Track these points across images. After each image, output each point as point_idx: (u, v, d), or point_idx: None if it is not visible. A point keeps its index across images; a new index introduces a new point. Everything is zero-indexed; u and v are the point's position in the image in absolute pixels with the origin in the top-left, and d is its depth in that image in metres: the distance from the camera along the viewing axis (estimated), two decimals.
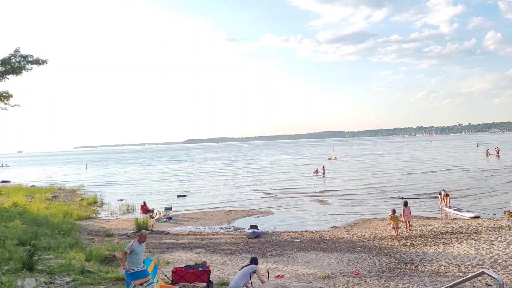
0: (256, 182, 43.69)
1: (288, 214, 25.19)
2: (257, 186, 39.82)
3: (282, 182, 42.60)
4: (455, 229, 17.74)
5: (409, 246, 15.23)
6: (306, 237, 18.13)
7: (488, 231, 16.77)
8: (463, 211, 22.53)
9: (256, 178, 48.15)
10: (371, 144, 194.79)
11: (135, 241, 9.30)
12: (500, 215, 21.12)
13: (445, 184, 33.40)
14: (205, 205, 29.24)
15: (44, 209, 24.40)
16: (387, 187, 34.33)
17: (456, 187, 32.13)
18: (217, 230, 20.80)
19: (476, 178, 38.15)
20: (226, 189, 38.67)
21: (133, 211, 27.44)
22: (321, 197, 31.09)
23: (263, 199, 31.47)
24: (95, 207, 29.28)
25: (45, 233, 16.15)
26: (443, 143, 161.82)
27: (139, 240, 9.40)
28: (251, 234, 18.50)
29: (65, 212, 23.65)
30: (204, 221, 23.50)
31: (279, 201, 29.87)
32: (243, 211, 26.20)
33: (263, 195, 33.53)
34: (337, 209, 25.94)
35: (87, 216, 25.07)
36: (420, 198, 28.16)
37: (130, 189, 41.56)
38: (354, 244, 16.14)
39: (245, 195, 33.65)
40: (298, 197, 31.34)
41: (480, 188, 31.60)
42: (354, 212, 24.64)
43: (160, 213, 25.04)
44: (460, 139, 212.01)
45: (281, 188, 36.93)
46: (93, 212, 27.23)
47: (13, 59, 20.23)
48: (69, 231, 17.63)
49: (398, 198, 27.95)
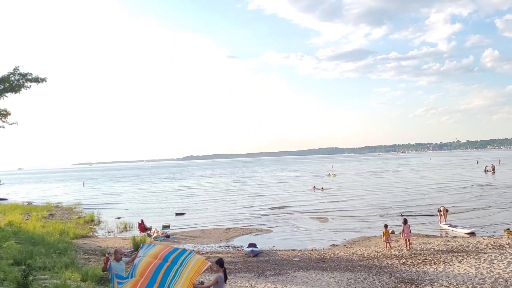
0: (255, 199, 43.46)
1: (287, 231, 24.98)
2: (256, 203, 39.57)
3: (281, 199, 42.38)
4: (455, 247, 17.59)
5: (409, 265, 15.06)
6: (305, 256, 17.93)
7: (488, 250, 16.63)
8: (458, 227, 22.55)
9: (255, 195, 47.91)
10: (370, 160, 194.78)
11: (112, 261, 9.13)
12: (500, 233, 20.97)
13: (444, 200, 33.30)
14: (204, 223, 29.01)
15: (40, 227, 24.17)
16: (387, 204, 34.14)
17: (455, 203, 32.00)
18: (216, 249, 20.57)
19: (475, 194, 38.06)
20: (225, 206, 38.43)
21: (130, 229, 27.17)
22: (321, 214, 30.88)
23: (262, 216, 31.24)
24: (92, 225, 28.98)
25: (40, 252, 15.94)
26: (442, 159, 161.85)
27: (115, 258, 9.24)
28: (249, 252, 18.30)
29: (61, 231, 23.42)
30: (203, 239, 23.27)
31: (278, 219, 29.65)
32: (241, 229, 25.98)
33: (262, 212, 33.30)
34: (336, 226, 25.74)
35: (83, 234, 24.80)
36: (420, 215, 27.99)
37: (128, 206, 41.26)
38: (354, 263, 15.94)
39: (244, 213, 33.42)
40: (297, 214, 31.13)
41: (478, 204, 31.48)
42: (353, 229, 24.45)
43: (158, 231, 24.78)
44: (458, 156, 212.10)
45: (280, 205, 36.69)
46: (90, 230, 26.95)
47: (12, 77, 20.32)
48: (65, 250, 17.42)
49: (398, 215, 27.75)
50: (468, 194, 39.02)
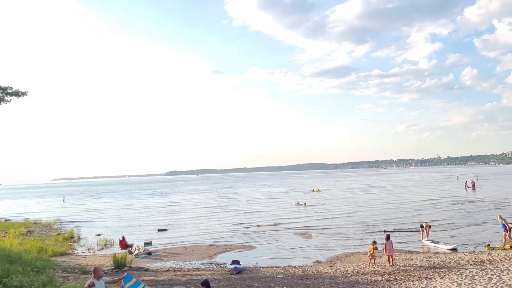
0: (238, 215, 43.18)
1: (270, 248, 24.82)
2: (239, 219, 39.30)
3: (265, 214, 42.25)
4: (437, 263, 17.73)
5: (392, 282, 15.08)
6: (289, 273, 17.81)
7: (469, 265, 16.80)
8: (440, 243, 22.80)
9: (239, 210, 47.62)
10: (353, 176, 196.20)
11: (93, 279, 9.04)
12: (481, 249, 21.27)
13: (427, 216, 33.73)
14: (187, 239, 28.63)
15: (17, 245, 23.47)
16: (370, 220, 34.32)
17: (437, 219, 32.44)
18: (198, 266, 20.27)
19: (456, 210, 38.70)
20: (208, 222, 38.06)
21: (111, 246, 26.60)
22: (304, 230, 30.83)
23: (245, 232, 31.01)
24: (71, 243, 28.28)
25: (17, 270, 15.45)
26: (423, 175, 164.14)
27: (95, 276, 9.13)
28: (232, 269, 18.09)
29: (39, 248, 22.78)
30: (185, 256, 22.93)
31: (261, 235, 29.47)
32: (225, 246, 25.72)
33: (245, 228, 33.08)
34: (320, 242, 25.71)
35: (62, 252, 24.15)
36: (403, 231, 28.21)
37: (108, 223, 40.48)
38: (337, 280, 15.89)
39: (227, 229, 33.14)
40: (281, 231, 31.01)
41: (459, 220, 31.96)
42: (337, 246, 24.45)
43: (139, 248, 24.33)
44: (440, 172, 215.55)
45: (263, 221, 36.53)
46: (69, 247, 26.29)
47: None
48: (43, 268, 16.91)
49: (381, 231, 27.90)
50: (449, 210, 39.64)
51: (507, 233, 22.60)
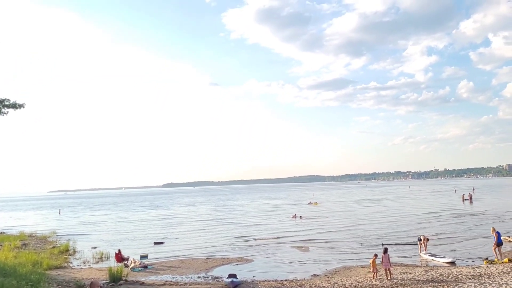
0: (236, 227, 42.94)
1: (267, 261, 24.64)
2: (236, 231, 39.07)
3: (262, 227, 42.04)
4: (436, 277, 17.62)
5: None
6: (286, 286, 17.66)
7: (468, 279, 16.71)
8: (438, 256, 22.69)
9: (236, 223, 47.38)
10: (351, 188, 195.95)
11: None
12: (479, 262, 21.18)
13: (426, 230, 33.65)
14: (183, 252, 28.40)
15: (12, 258, 23.23)
16: (368, 233, 34.18)
17: (436, 232, 32.35)
18: (195, 280, 20.08)
19: (454, 223, 38.64)
20: (205, 235, 37.81)
21: (107, 260, 26.35)
22: (301, 243, 30.65)
23: (242, 245, 30.80)
24: (67, 256, 27.99)
25: (12, 284, 15.26)
26: (421, 188, 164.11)
27: None
28: (229, 283, 17.93)
29: (34, 261, 22.53)
30: (181, 269, 22.72)
31: (258, 248, 29.27)
32: (221, 259, 25.52)
33: (243, 241, 32.87)
34: (317, 256, 25.55)
35: (58, 265, 23.87)
36: (401, 244, 28.09)
37: (104, 236, 40.16)
38: None
39: (224, 242, 32.91)
40: (278, 244, 30.82)
41: (457, 233, 31.90)
42: (335, 259, 24.30)
43: (135, 261, 24.12)
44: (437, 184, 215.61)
45: (261, 234, 36.34)
46: (65, 260, 26.01)
47: None
48: (37, 282, 16.72)
49: (379, 244, 27.77)
50: (448, 223, 39.56)
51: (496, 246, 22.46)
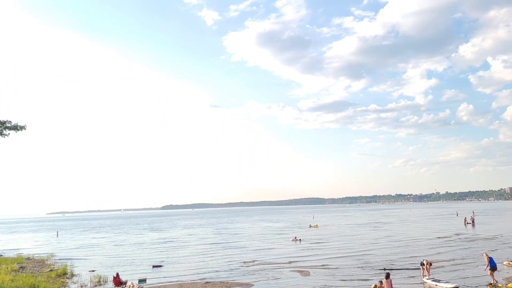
0: (236, 251, 42.42)
1: (268, 286, 24.22)
2: (236, 255, 38.58)
3: (262, 250, 41.54)
4: None
5: None
6: None
7: None
8: (441, 281, 22.31)
9: (236, 246, 46.84)
10: (351, 211, 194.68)
11: None
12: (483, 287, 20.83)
13: (427, 253, 33.23)
14: (182, 276, 27.96)
15: (9, 281, 22.91)
16: (369, 257, 33.75)
17: (438, 257, 31.94)
18: None
19: (457, 247, 38.21)
20: (204, 258, 37.32)
21: (105, 283, 25.97)
22: (302, 267, 30.21)
23: (242, 269, 30.36)
24: (64, 279, 27.56)
25: None
26: (422, 211, 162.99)
27: None
28: None
29: (31, 285, 22.25)
30: None
31: (259, 272, 28.81)
32: (221, 283, 25.11)
33: (243, 264, 32.42)
34: (318, 280, 25.12)
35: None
36: (403, 268, 27.68)
37: (102, 259, 39.67)
38: None
39: (224, 266, 32.45)
40: (278, 268, 30.38)
41: (460, 257, 31.49)
42: (336, 284, 23.90)
43: (133, 285, 23.75)
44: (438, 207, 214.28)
45: (261, 257, 35.87)
46: (62, 284, 25.63)
47: None
48: None
49: (381, 269, 27.38)
50: (450, 247, 39.13)
51: (488, 269, 22.17)
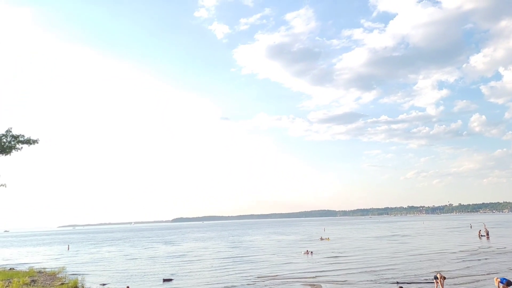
0: (247, 264, 42.08)
1: None
2: (248, 268, 38.25)
3: (273, 264, 41.12)
4: None
5: None
6: None
7: None
8: None
9: (247, 260, 46.48)
10: (363, 223, 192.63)
11: None
12: None
13: (441, 267, 32.61)
14: None
15: None
16: (381, 271, 33.20)
17: (452, 270, 31.32)
18: None
19: (471, 261, 37.46)
20: (215, 272, 37.06)
21: None
22: (313, 281, 29.81)
23: (253, 283, 30.06)
24: None
25: None
26: (435, 223, 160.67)
27: None
28: None
29: None
30: None
31: (270, 286, 28.50)
32: None
33: (253, 278, 32.10)
34: None
35: None
36: (417, 282, 27.16)
37: (113, 272, 39.62)
38: None
39: (234, 279, 32.15)
40: (289, 282, 30.01)
41: (475, 271, 30.84)
42: None
43: None
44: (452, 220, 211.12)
45: (272, 271, 35.49)
46: None
47: (4, 138, 20.25)
48: None
49: (394, 283, 26.90)
50: (464, 260, 38.38)
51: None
